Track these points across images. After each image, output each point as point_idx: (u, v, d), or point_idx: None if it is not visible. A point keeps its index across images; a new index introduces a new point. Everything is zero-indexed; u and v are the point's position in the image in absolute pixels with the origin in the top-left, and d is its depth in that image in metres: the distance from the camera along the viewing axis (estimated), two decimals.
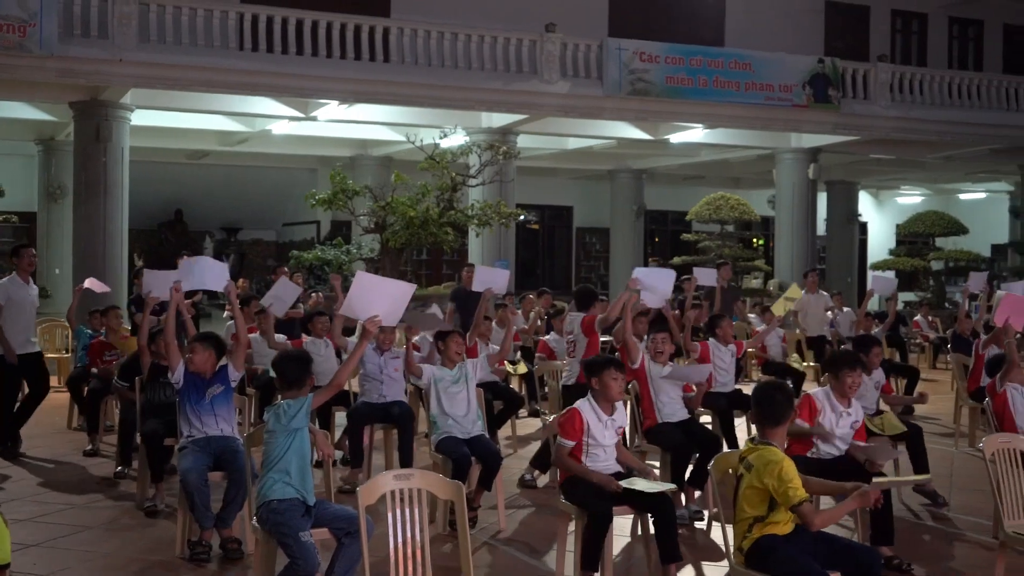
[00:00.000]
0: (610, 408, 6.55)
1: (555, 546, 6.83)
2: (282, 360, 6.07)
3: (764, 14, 25.14)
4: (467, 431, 7.91)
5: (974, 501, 8.68)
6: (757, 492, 5.16)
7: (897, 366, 14.86)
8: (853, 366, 7.16)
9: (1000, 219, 32.18)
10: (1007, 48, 28.18)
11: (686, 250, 26.27)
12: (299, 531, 5.54)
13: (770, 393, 5.40)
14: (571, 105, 20.39)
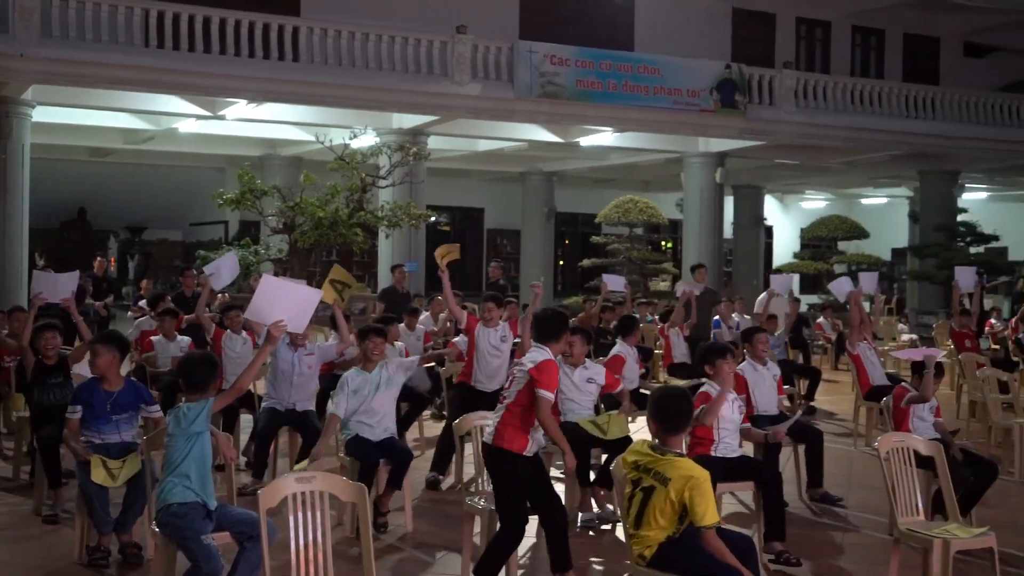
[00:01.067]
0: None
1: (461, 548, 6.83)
2: (188, 362, 5.99)
3: (673, 20, 25.43)
4: (378, 433, 7.87)
5: (872, 499, 8.88)
6: (672, 505, 5.08)
7: (799, 367, 15.16)
8: (724, 355, 7.45)
9: (900, 223, 32.98)
10: (907, 57, 28.87)
11: (596, 252, 26.46)
12: (200, 534, 5.48)
13: (674, 400, 5.34)
14: (482, 107, 20.42)
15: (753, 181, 30.49)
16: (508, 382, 6.37)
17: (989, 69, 30.09)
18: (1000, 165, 27.45)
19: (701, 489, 5.01)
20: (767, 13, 27.06)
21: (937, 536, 6.13)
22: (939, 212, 27.23)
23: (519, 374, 6.24)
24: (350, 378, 7.92)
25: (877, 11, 27.41)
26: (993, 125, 25.11)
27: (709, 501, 5.01)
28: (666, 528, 5.14)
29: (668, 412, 5.26)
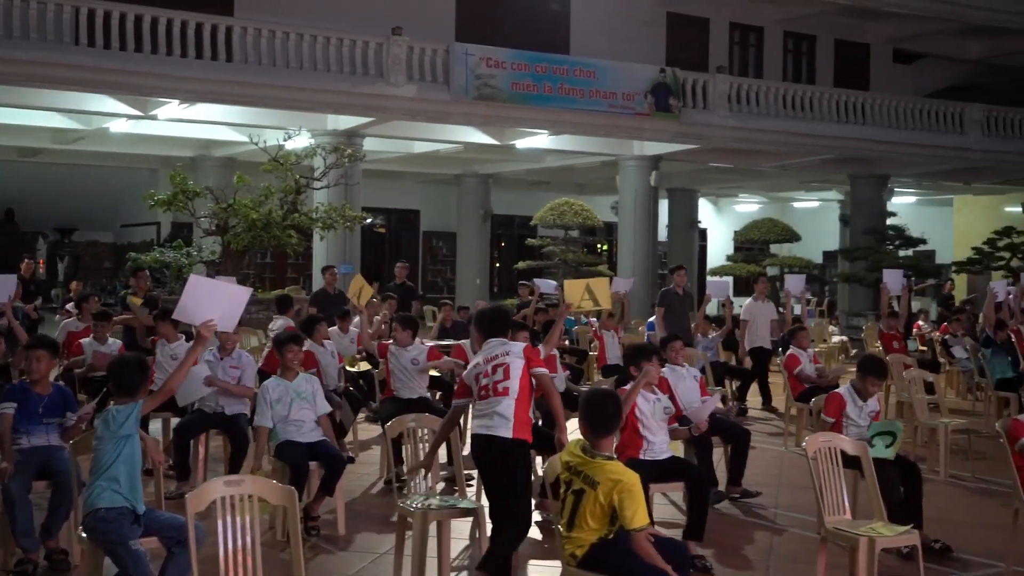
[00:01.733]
0: None
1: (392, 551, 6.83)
2: (118, 366, 5.91)
3: (608, 23, 25.58)
4: (308, 437, 7.84)
5: (801, 499, 9.00)
6: (602, 508, 5.12)
7: (732, 368, 15.31)
8: (650, 357, 7.52)
9: (831, 227, 33.46)
10: (838, 62, 29.29)
11: (531, 255, 26.54)
12: (128, 540, 5.42)
13: (602, 402, 5.37)
14: (418, 109, 20.39)
15: (687, 184, 30.76)
16: (493, 380, 6.24)
17: (917, 75, 30.65)
18: (927, 170, 27.97)
19: (630, 492, 5.04)
20: (701, 18, 27.31)
21: (862, 534, 6.23)
22: (869, 216, 27.66)
23: (512, 364, 6.22)
24: (271, 387, 7.88)
25: (808, 17, 27.77)
26: (920, 130, 25.57)
27: (638, 504, 5.04)
28: (597, 530, 5.18)
29: (596, 414, 5.29)
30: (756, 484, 9.68)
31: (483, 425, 6.18)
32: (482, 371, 6.28)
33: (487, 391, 6.22)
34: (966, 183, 30.42)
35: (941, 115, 26.02)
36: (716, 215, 37.07)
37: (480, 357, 6.39)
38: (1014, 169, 27.73)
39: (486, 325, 6.54)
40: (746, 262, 28.85)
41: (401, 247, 31.90)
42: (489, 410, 6.19)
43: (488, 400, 6.20)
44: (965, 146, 26.08)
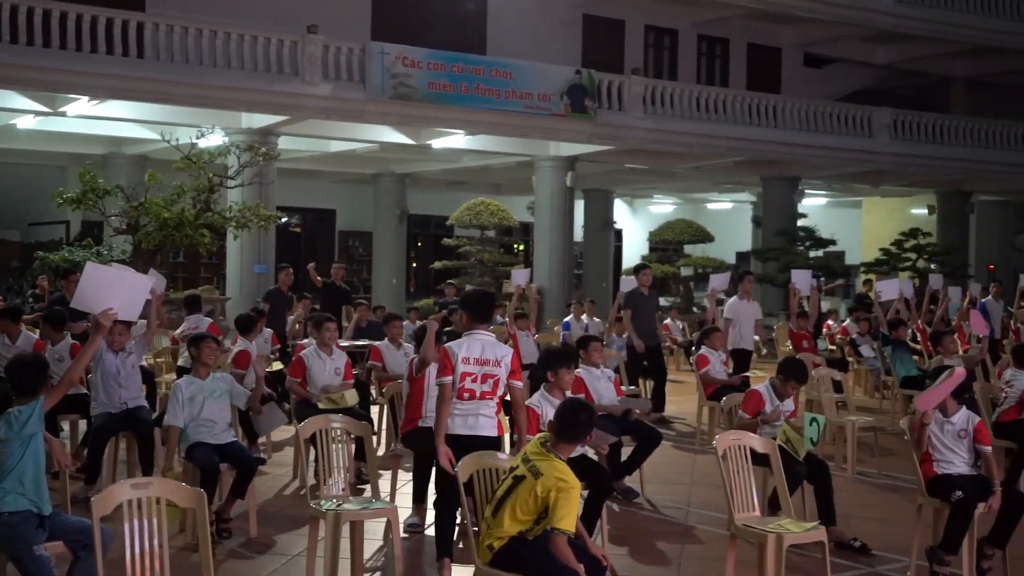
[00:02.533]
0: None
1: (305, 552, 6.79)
2: (17, 366, 5.79)
3: (525, 24, 25.64)
4: (220, 438, 7.75)
5: (712, 496, 9.12)
6: (536, 499, 5.20)
7: (645, 368, 15.43)
8: (567, 363, 7.60)
9: (744, 227, 33.94)
10: (751, 66, 29.69)
11: (448, 255, 26.51)
12: (33, 545, 5.32)
13: (575, 412, 5.53)
14: (333, 107, 20.26)
15: (603, 185, 30.96)
16: (482, 388, 6.53)
17: (827, 79, 31.21)
18: (837, 172, 28.52)
19: (569, 496, 5.16)
20: (616, 20, 27.49)
21: (771, 531, 6.34)
22: (780, 217, 28.10)
23: (502, 378, 6.58)
24: (183, 386, 7.79)
25: (722, 21, 28.11)
26: (830, 133, 26.06)
27: (572, 509, 5.16)
28: (521, 523, 5.26)
29: (568, 422, 5.47)
30: (669, 482, 9.83)
31: (468, 426, 6.54)
32: (472, 375, 6.51)
33: (472, 396, 6.53)
34: (874, 185, 31.05)
35: (850, 119, 26.55)
36: (631, 216, 37.38)
37: (472, 353, 6.52)
38: (920, 172, 28.41)
39: (473, 307, 6.75)
40: (660, 262, 29.11)
41: (317, 247, 31.66)
42: (474, 411, 6.55)
43: (473, 402, 6.54)
44: (873, 149, 26.64)
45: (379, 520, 6.88)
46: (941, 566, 6.90)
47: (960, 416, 7.22)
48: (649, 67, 27.44)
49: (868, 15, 27.10)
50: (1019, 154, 28.81)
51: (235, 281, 21.57)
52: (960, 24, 28.13)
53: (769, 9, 26.48)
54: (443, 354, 6.55)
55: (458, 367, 6.47)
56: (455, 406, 6.50)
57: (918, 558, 7.23)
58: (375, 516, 6.64)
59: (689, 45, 28.85)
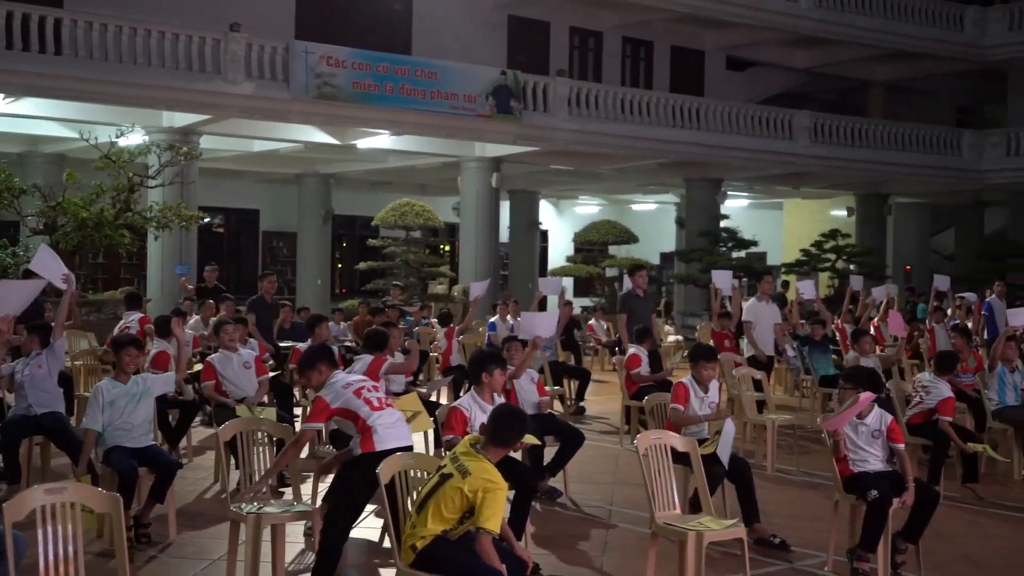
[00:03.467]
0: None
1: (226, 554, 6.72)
2: None
3: (450, 25, 25.63)
4: (138, 442, 7.65)
5: (635, 495, 9.19)
6: (461, 498, 5.22)
7: (570, 368, 15.53)
8: (501, 365, 7.70)
9: (668, 228, 34.23)
10: (674, 68, 29.96)
11: (373, 255, 26.40)
12: None
13: (509, 420, 5.59)
14: (256, 107, 20.09)
15: (528, 186, 31.06)
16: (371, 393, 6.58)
17: (749, 82, 31.61)
18: (759, 174, 28.90)
19: (495, 497, 5.19)
20: (542, 22, 27.58)
21: (691, 529, 6.41)
22: (703, 218, 28.39)
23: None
24: (104, 389, 7.67)
25: (646, 24, 28.33)
26: (752, 136, 26.42)
27: (498, 510, 5.20)
28: (446, 521, 5.27)
29: (500, 427, 5.53)
30: (592, 482, 9.90)
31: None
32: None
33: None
34: (795, 187, 31.52)
35: (771, 121, 26.94)
36: (557, 217, 37.53)
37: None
38: (839, 174, 28.90)
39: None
40: (585, 263, 29.29)
41: (240, 247, 31.38)
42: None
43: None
44: (794, 151, 27.06)
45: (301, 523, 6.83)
46: (861, 563, 7.03)
47: (873, 416, 7.37)
48: (574, 69, 27.58)
49: (789, 19, 27.50)
50: (935, 157, 29.47)
51: (156, 282, 21.27)
52: (878, 29, 28.67)
53: (692, 13, 26.75)
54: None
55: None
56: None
57: (835, 553, 7.36)
58: (296, 519, 6.59)
59: (614, 47, 29.03)
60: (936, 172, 29.53)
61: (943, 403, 9.58)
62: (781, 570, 7.40)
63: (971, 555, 7.86)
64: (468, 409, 7.42)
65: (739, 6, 26.67)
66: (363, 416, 6.32)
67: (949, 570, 7.45)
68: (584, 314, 23.98)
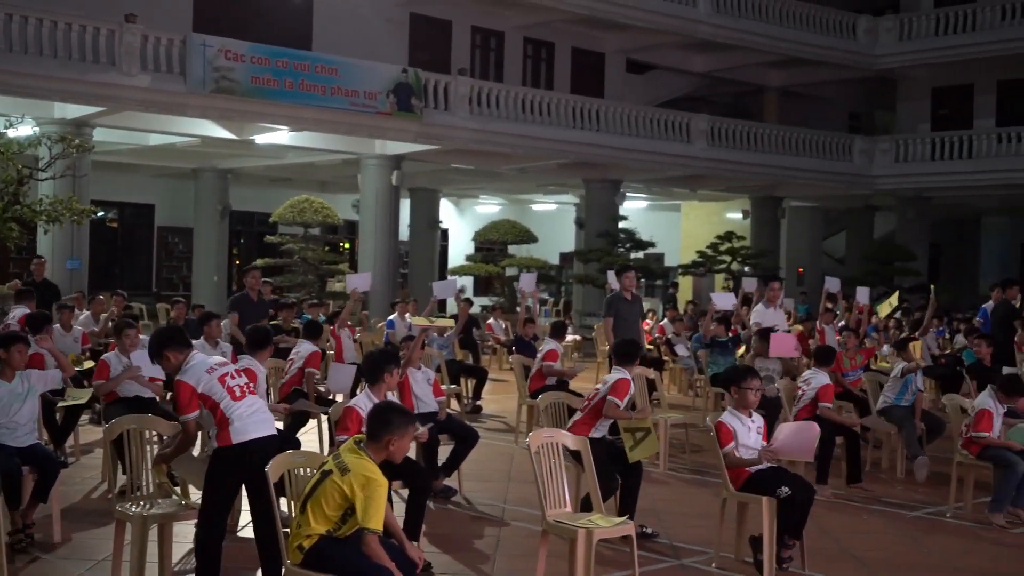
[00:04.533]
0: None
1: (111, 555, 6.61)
2: None
3: (351, 21, 25.47)
4: (22, 441, 7.48)
5: (529, 493, 9.25)
6: (341, 495, 5.20)
7: (467, 367, 15.56)
8: (396, 364, 7.67)
9: (568, 229, 34.50)
10: (575, 70, 30.16)
11: (271, 252, 26.12)
12: None
13: (385, 412, 5.55)
14: (152, 99, 19.74)
15: (429, 184, 31.03)
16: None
17: (648, 85, 32.01)
18: (657, 176, 29.27)
19: (375, 494, 5.17)
20: (443, 20, 27.55)
21: (581, 526, 6.48)
22: (602, 219, 28.63)
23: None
24: None
25: (547, 25, 28.47)
26: (651, 138, 26.75)
27: (378, 508, 5.18)
28: (328, 520, 5.26)
29: (377, 421, 5.48)
30: (487, 480, 9.95)
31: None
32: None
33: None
34: (692, 190, 32.00)
35: (670, 124, 27.32)
36: (457, 215, 37.55)
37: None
38: (735, 177, 29.41)
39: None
40: (485, 262, 29.35)
41: (134, 243, 30.79)
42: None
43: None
44: (691, 154, 27.48)
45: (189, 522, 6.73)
46: (785, 551, 7.32)
47: (757, 416, 7.58)
48: (476, 68, 27.61)
49: (687, 24, 27.88)
50: (827, 162, 30.19)
51: (47, 276, 20.73)
52: (774, 36, 29.23)
53: (592, 15, 26.96)
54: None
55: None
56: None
57: (722, 550, 7.51)
58: (184, 518, 6.51)
59: (515, 47, 29.13)
60: (828, 177, 30.26)
61: (823, 390, 9.84)
62: (670, 567, 7.52)
63: (854, 551, 8.07)
64: (364, 408, 7.38)
65: (638, 9, 26.96)
66: (223, 407, 6.03)
67: (833, 565, 7.65)
68: (483, 313, 24.02)
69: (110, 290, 16.90)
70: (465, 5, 27.28)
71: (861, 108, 36.80)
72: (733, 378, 7.71)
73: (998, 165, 28.84)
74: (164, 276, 31.02)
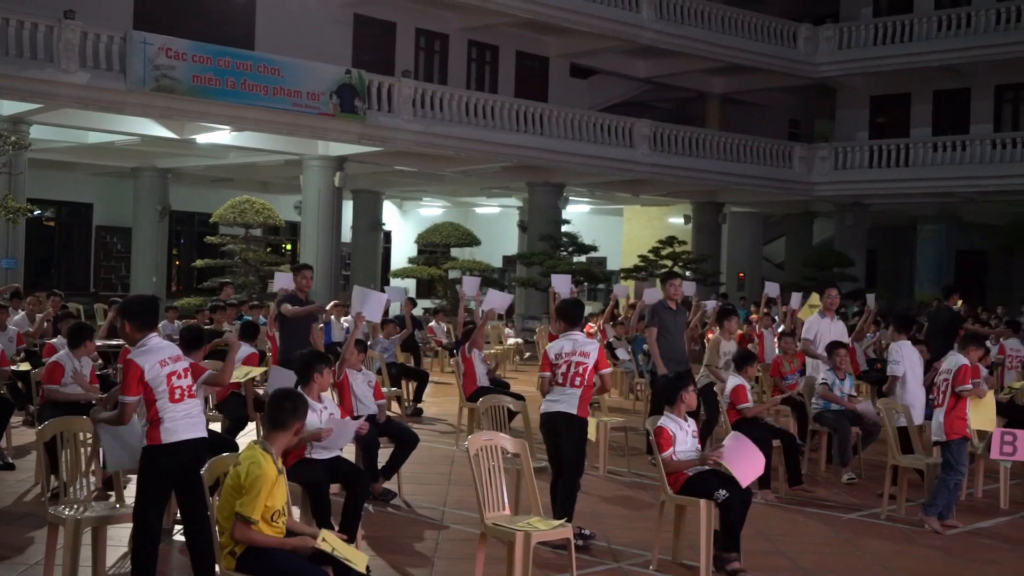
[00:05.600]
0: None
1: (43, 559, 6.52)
2: None
3: (295, 22, 25.31)
4: None
5: (468, 496, 9.26)
6: (235, 490, 5.23)
7: (408, 369, 15.54)
8: (327, 363, 7.76)
9: (511, 232, 34.56)
10: (519, 73, 30.22)
11: (211, 253, 25.88)
12: None
13: (280, 399, 5.56)
14: (91, 97, 19.49)
15: (372, 186, 30.92)
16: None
17: (592, 90, 32.14)
18: (600, 180, 29.40)
19: (257, 482, 5.16)
20: (388, 22, 27.48)
21: (519, 529, 6.50)
22: (545, 223, 28.72)
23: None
24: None
25: (491, 28, 28.50)
26: (594, 143, 26.88)
27: (256, 496, 5.15)
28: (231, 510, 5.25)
29: (272, 409, 5.51)
30: (426, 483, 9.94)
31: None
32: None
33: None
34: (634, 194, 32.18)
35: (613, 129, 27.46)
36: (400, 218, 37.45)
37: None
38: (677, 182, 29.62)
39: (136, 315, 6.24)
40: (428, 265, 29.30)
41: (72, 242, 30.37)
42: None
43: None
44: (634, 159, 27.65)
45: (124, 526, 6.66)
46: (731, 563, 7.33)
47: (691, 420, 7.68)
48: (420, 70, 27.57)
49: (630, 29, 28.04)
50: (767, 168, 30.51)
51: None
52: (716, 43, 29.50)
53: (536, 19, 27.03)
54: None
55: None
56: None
57: (660, 553, 7.56)
58: (118, 521, 6.43)
59: (460, 50, 29.13)
60: (768, 183, 30.59)
61: (733, 392, 9.91)
62: (608, 569, 7.56)
63: (788, 552, 8.17)
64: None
65: (581, 14, 27.08)
66: (158, 405, 5.98)
67: (768, 567, 7.73)
68: (425, 316, 23.98)
69: (47, 290, 16.66)
70: (409, 7, 27.22)
71: (801, 116, 37.26)
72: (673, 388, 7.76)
73: (934, 173, 29.35)
74: (102, 276, 30.63)
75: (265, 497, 5.18)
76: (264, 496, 5.18)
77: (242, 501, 5.15)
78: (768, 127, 33.73)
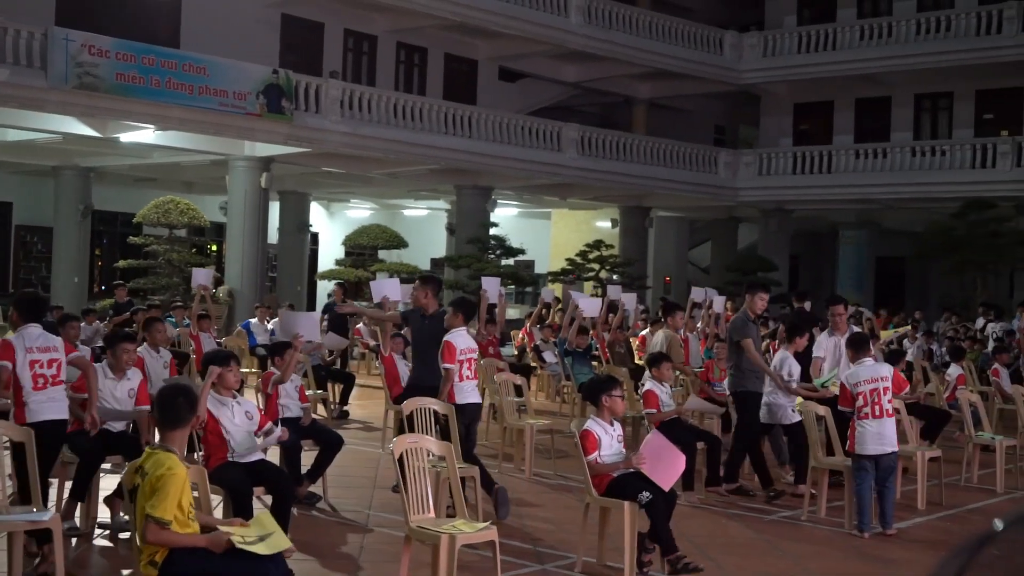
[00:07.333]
0: None
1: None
2: None
3: (221, 20, 25.03)
4: None
5: (393, 499, 9.24)
6: (148, 498, 5.10)
7: (334, 372, 15.47)
8: (229, 363, 7.61)
9: (439, 235, 34.49)
10: (448, 76, 30.23)
11: (134, 254, 25.51)
12: None
13: (172, 396, 5.42)
14: (10, 94, 19.10)
15: (299, 187, 30.69)
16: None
17: (520, 93, 32.24)
18: (527, 184, 29.48)
19: (168, 484, 5.03)
20: (316, 22, 27.31)
21: (444, 532, 6.51)
22: (473, 225, 28.72)
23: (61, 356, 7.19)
24: None
25: (420, 30, 28.45)
26: (522, 146, 26.96)
27: (167, 496, 5.04)
28: None
29: (166, 407, 5.36)
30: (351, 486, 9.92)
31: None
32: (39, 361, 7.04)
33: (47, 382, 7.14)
34: (562, 198, 32.32)
35: (540, 133, 27.58)
36: (328, 219, 37.21)
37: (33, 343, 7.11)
38: (604, 187, 29.82)
39: (24, 308, 7.14)
40: (355, 267, 29.15)
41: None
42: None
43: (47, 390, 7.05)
44: (561, 163, 27.78)
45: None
46: (647, 554, 7.44)
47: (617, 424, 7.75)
48: (348, 71, 27.44)
49: (557, 33, 28.17)
50: (693, 174, 30.85)
51: None
52: (642, 48, 29.74)
53: (465, 22, 27.03)
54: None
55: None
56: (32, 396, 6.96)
57: (585, 555, 7.61)
58: (34, 526, 6.32)
59: (388, 52, 29.05)
60: (694, 188, 30.91)
61: (644, 397, 9.96)
62: (533, 572, 7.59)
63: (711, 555, 8.27)
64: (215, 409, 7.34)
65: (510, 18, 27.14)
66: (24, 392, 6.73)
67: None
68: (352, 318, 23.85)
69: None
70: (337, 8, 27.08)
71: (726, 122, 37.70)
72: (599, 389, 7.80)
73: (855, 180, 29.89)
74: (22, 277, 30.01)
75: (177, 496, 5.08)
76: (175, 495, 5.07)
77: (152, 503, 5.01)
78: (694, 133, 34.09)
